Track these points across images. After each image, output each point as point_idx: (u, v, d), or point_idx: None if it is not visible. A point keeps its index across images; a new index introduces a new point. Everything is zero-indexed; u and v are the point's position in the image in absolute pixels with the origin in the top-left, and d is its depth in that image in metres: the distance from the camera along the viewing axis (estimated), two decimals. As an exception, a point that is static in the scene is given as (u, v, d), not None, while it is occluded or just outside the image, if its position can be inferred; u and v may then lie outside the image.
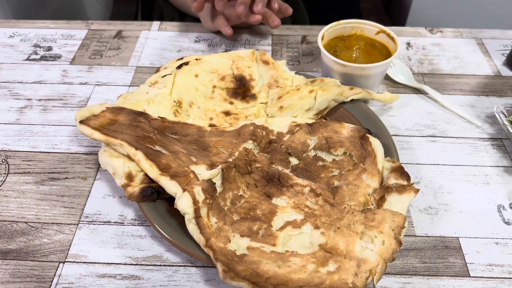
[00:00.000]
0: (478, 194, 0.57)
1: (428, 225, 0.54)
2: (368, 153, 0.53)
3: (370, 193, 0.51)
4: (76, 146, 0.63)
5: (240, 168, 0.52)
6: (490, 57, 0.79)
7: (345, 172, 0.54)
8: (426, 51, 0.81)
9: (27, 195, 0.57)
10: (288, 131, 0.58)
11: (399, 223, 0.46)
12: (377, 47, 0.70)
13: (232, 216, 0.48)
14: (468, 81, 0.74)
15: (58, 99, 0.70)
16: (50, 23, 0.87)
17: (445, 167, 0.61)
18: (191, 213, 0.46)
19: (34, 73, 0.75)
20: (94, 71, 0.76)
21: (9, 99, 0.70)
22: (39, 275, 0.49)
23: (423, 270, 0.49)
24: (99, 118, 0.55)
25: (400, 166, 0.52)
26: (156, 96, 0.60)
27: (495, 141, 0.64)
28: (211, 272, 0.49)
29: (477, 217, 0.55)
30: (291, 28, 0.86)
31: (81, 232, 0.53)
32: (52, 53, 0.80)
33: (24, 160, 0.61)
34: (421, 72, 0.76)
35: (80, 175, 0.59)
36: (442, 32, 0.85)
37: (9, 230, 0.53)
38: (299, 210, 0.49)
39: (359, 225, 0.46)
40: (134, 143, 0.52)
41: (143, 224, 0.54)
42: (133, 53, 0.80)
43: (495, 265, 0.50)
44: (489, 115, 0.68)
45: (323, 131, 0.57)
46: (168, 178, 0.49)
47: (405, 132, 0.65)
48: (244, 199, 0.50)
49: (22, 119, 0.67)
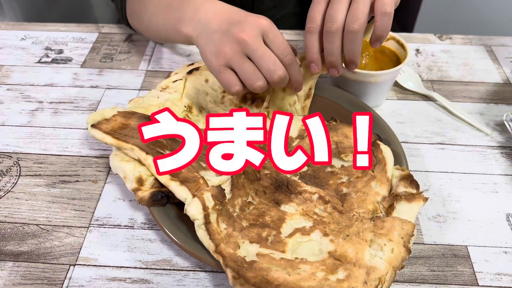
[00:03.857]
0: (486, 202, 0.57)
1: (437, 233, 0.54)
2: (378, 160, 0.53)
3: (379, 201, 0.51)
4: (86, 149, 0.64)
5: (249, 174, 0.52)
6: (499, 65, 0.79)
7: (354, 179, 0.54)
8: (435, 58, 0.81)
9: (38, 197, 0.57)
10: (298, 135, 0.58)
11: (408, 231, 0.46)
12: (387, 54, 0.70)
13: (241, 223, 0.48)
14: (477, 88, 0.74)
15: (69, 102, 0.71)
16: (61, 26, 0.88)
17: (454, 175, 0.61)
18: (200, 219, 0.46)
19: (46, 76, 0.76)
20: (105, 75, 0.77)
21: (20, 102, 0.71)
22: (50, 278, 0.49)
23: (432, 278, 0.49)
24: (110, 122, 0.56)
25: (410, 174, 0.52)
26: (166, 101, 0.61)
27: (504, 150, 0.64)
28: (220, 277, 0.50)
29: (486, 226, 0.55)
30: (300, 33, 0.86)
31: (91, 235, 0.53)
32: (63, 56, 0.81)
33: (35, 163, 0.62)
34: (430, 79, 0.76)
35: (90, 178, 0.60)
36: (451, 39, 0.85)
37: (21, 232, 0.54)
38: (308, 217, 0.50)
39: (368, 233, 0.46)
40: (145, 147, 0.53)
41: (153, 228, 0.54)
42: (143, 57, 0.80)
43: (504, 274, 0.50)
44: (498, 123, 0.68)
45: (333, 135, 0.57)
46: (178, 183, 0.49)
47: (414, 139, 0.65)
48: (253, 206, 0.51)
49: (34, 122, 0.68)
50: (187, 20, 0.57)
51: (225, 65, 0.53)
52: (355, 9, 0.52)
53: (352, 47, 0.53)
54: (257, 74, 0.52)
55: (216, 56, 0.53)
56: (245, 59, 0.52)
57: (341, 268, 0.43)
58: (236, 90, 0.54)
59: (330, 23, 0.52)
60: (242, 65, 0.52)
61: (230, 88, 0.54)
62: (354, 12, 0.51)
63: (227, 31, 0.52)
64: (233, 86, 0.54)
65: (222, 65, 0.53)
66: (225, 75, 0.53)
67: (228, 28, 0.52)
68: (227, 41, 0.52)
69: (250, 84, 0.53)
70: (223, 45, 0.52)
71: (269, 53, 0.52)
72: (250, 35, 0.51)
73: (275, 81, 0.53)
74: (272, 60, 0.52)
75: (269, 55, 0.52)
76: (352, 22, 0.51)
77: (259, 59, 0.52)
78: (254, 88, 0.53)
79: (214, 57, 0.53)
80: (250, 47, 0.51)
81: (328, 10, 0.53)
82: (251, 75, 0.52)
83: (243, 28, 0.51)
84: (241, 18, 0.53)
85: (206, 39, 0.55)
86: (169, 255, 0.52)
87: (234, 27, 0.52)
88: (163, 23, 0.64)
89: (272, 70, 0.52)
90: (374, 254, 0.44)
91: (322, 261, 0.44)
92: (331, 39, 0.53)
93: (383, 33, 0.53)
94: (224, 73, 0.53)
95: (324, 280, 0.42)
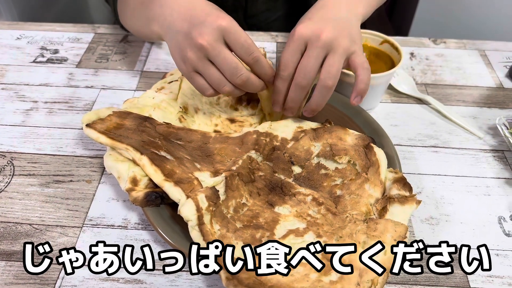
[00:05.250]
0: (479, 205, 0.58)
1: (429, 235, 0.54)
2: (372, 163, 0.53)
3: (372, 203, 0.51)
4: (81, 149, 0.63)
5: (243, 176, 0.52)
6: (492, 69, 0.80)
7: (348, 181, 0.54)
8: (430, 62, 0.81)
9: (31, 197, 0.57)
10: (293, 137, 0.58)
11: (401, 233, 0.46)
12: (381, 57, 0.71)
13: (235, 224, 0.48)
14: (470, 92, 0.75)
15: (64, 102, 0.71)
16: (57, 26, 0.88)
17: (447, 177, 0.61)
18: (194, 220, 0.46)
19: (41, 76, 0.76)
20: (100, 75, 0.77)
21: (15, 101, 0.71)
22: (43, 277, 0.49)
23: (424, 280, 0.50)
24: (105, 122, 0.56)
25: (403, 177, 0.52)
26: (162, 102, 0.61)
27: (497, 153, 0.64)
28: (213, 278, 0.50)
29: (478, 228, 0.55)
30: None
31: (85, 235, 0.53)
32: (59, 56, 0.81)
33: (29, 162, 0.61)
34: (424, 82, 0.77)
35: (84, 178, 0.60)
36: (445, 43, 0.86)
37: (13, 232, 0.53)
38: (302, 218, 0.50)
39: (361, 235, 0.46)
40: (139, 148, 0.53)
41: (146, 229, 0.54)
42: (139, 58, 0.80)
43: (495, 276, 0.50)
44: (491, 126, 0.68)
45: (327, 137, 0.58)
46: (172, 184, 0.50)
47: (408, 142, 0.66)
48: (246, 207, 0.51)
49: (28, 121, 0.68)
50: (156, 17, 0.57)
51: (194, 71, 0.53)
52: (330, 65, 0.52)
53: (320, 100, 0.55)
54: (222, 79, 0.53)
55: (184, 62, 0.53)
56: (209, 65, 0.52)
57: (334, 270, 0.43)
58: (210, 93, 0.54)
59: (301, 78, 0.53)
60: (207, 71, 0.52)
61: (204, 92, 0.54)
62: (329, 68, 0.52)
63: (188, 33, 0.51)
64: (206, 90, 0.54)
65: (190, 71, 0.53)
66: (197, 80, 0.54)
67: (189, 30, 0.51)
68: (189, 46, 0.51)
69: (218, 89, 0.53)
70: (186, 50, 0.52)
71: (230, 57, 0.51)
72: (209, 40, 0.50)
73: (240, 85, 0.53)
74: (233, 65, 0.51)
75: (230, 60, 0.51)
76: (327, 79, 0.52)
77: (221, 64, 0.51)
78: (223, 92, 0.54)
79: (182, 62, 0.53)
80: (210, 53, 0.51)
81: (303, 61, 0.53)
82: (217, 81, 0.53)
83: (202, 32, 0.50)
84: (201, 19, 0.51)
85: (171, 40, 0.55)
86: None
87: (194, 30, 0.51)
88: (138, 21, 0.64)
89: (234, 75, 0.52)
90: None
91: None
92: (299, 92, 0.54)
93: (366, 86, 0.54)
94: (195, 78, 0.54)
95: (317, 281, 0.42)
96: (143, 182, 0.52)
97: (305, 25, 0.53)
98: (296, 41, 0.53)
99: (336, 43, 0.52)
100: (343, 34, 0.53)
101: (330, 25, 0.53)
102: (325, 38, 0.52)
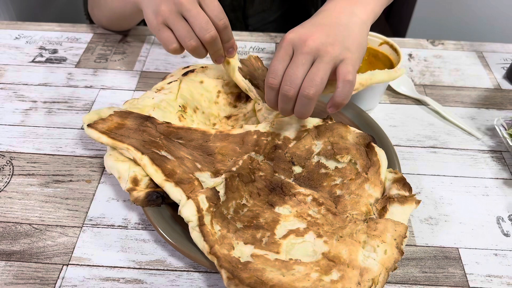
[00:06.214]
0: (477, 205, 0.58)
1: (429, 235, 0.54)
2: (372, 163, 0.54)
3: (372, 203, 0.51)
4: (80, 149, 0.63)
5: (243, 177, 0.52)
6: (490, 70, 0.80)
7: (348, 181, 0.54)
8: (428, 63, 0.82)
9: (31, 197, 0.57)
10: (296, 137, 0.58)
11: (401, 233, 0.46)
12: (380, 58, 0.71)
13: (236, 224, 0.48)
14: (468, 93, 0.75)
15: (63, 102, 0.71)
16: (55, 26, 0.88)
17: (446, 178, 0.61)
18: (195, 221, 0.46)
19: (40, 76, 0.76)
20: (99, 75, 0.76)
21: (14, 101, 0.71)
22: (43, 277, 0.49)
23: (423, 280, 0.50)
24: (106, 122, 0.56)
25: (402, 177, 0.52)
26: (161, 102, 0.61)
27: (495, 154, 0.65)
28: (214, 277, 0.50)
29: (477, 228, 0.55)
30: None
31: (85, 235, 0.53)
32: (58, 55, 0.80)
33: (28, 162, 0.61)
34: (422, 83, 0.77)
35: (84, 178, 0.60)
36: (443, 44, 0.86)
37: (13, 232, 0.53)
38: (302, 218, 0.50)
39: (362, 234, 0.47)
40: (140, 147, 0.53)
41: (146, 228, 0.54)
42: (138, 58, 0.80)
43: (494, 276, 0.51)
44: (489, 127, 0.69)
45: (329, 135, 0.58)
46: (173, 185, 0.50)
47: (407, 143, 0.66)
48: (247, 208, 0.51)
49: (27, 121, 0.67)
50: None
51: (163, 23, 0.56)
52: (314, 73, 0.50)
53: (303, 110, 0.52)
54: (191, 33, 0.55)
55: (155, 15, 0.56)
56: (180, 19, 0.55)
57: (335, 269, 0.43)
58: (173, 47, 0.57)
59: (287, 87, 0.51)
60: (177, 24, 0.55)
61: (168, 45, 0.57)
62: (312, 76, 0.50)
63: None
64: (170, 44, 0.56)
65: (160, 23, 0.56)
66: (163, 33, 0.56)
67: None
68: (166, 1, 0.55)
69: (184, 42, 0.56)
70: (161, 4, 0.55)
71: (203, 14, 0.55)
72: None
73: (207, 40, 0.55)
74: (204, 21, 0.54)
75: (202, 16, 0.55)
76: (308, 87, 0.50)
77: (193, 18, 0.55)
78: (187, 47, 0.56)
79: (154, 15, 0.56)
80: (185, 7, 0.54)
81: (288, 70, 0.51)
82: (185, 33, 0.55)
83: None
84: None
85: (148, 1, 0.58)
86: (163, 256, 0.52)
87: None
88: None
89: (204, 29, 0.54)
90: (367, 255, 0.45)
91: (316, 262, 0.44)
92: (287, 102, 0.52)
93: (343, 100, 0.51)
94: (163, 31, 0.56)
95: (318, 281, 0.42)
96: (143, 182, 0.52)
97: (295, 31, 0.53)
98: (284, 47, 0.52)
99: (323, 50, 0.50)
100: (334, 40, 0.51)
101: (321, 31, 0.52)
102: (311, 43, 0.50)
